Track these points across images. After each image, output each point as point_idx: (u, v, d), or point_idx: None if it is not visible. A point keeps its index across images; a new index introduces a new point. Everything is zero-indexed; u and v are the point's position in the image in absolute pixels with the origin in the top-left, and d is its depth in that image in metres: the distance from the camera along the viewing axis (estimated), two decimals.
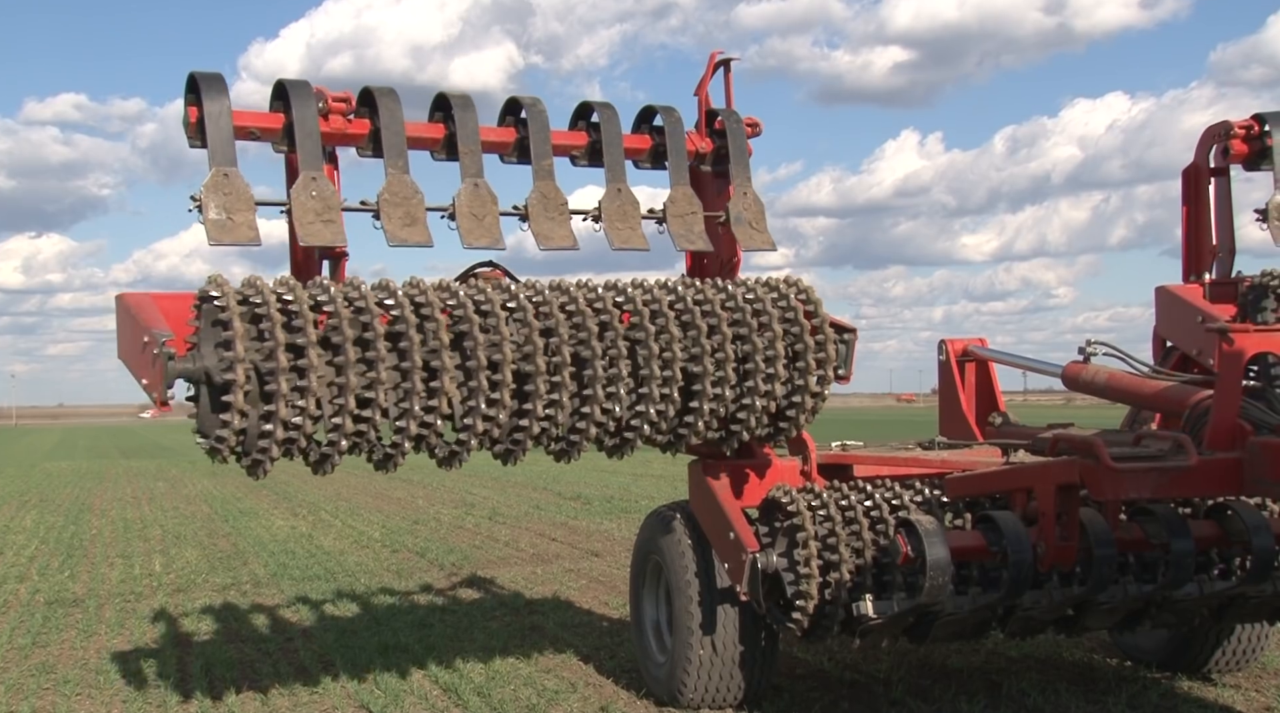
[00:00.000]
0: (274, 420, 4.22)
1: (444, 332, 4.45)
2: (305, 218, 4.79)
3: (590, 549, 11.68)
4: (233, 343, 4.15)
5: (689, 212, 5.55)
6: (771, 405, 4.91)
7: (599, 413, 4.66)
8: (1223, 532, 4.45)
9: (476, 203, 5.10)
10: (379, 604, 8.77)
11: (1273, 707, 5.28)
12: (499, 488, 19.69)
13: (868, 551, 4.64)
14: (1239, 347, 4.09)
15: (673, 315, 4.80)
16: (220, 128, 4.77)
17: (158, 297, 4.75)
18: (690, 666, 5.38)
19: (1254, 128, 6.05)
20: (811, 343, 4.90)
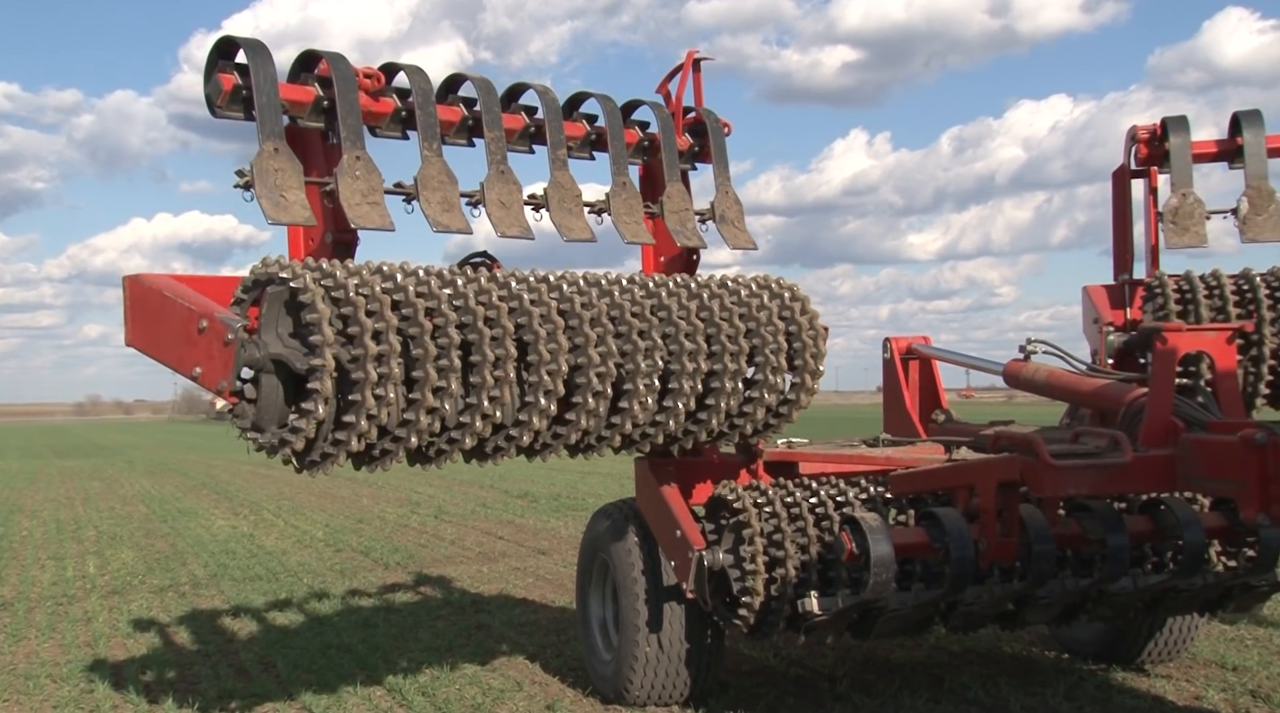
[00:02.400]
0: (358, 412, 3.99)
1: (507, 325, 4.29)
2: (353, 199, 4.52)
3: (537, 547, 11.64)
4: (319, 326, 3.90)
5: (683, 208, 5.55)
6: (773, 402, 4.97)
7: (639, 412, 4.61)
8: (1156, 527, 4.55)
9: (504, 191, 4.94)
10: (322, 604, 8.66)
11: (1202, 696, 5.41)
12: (445, 486, 19.55)
13: (813, 547, 4.68)
14: (1172, 346, 4.19)
15: (696, 313, 4.79)
16: (270, 97, 4.47)
17: (181, 278, 4.43)
18: (636, 663, 5.39)
19: (1156, 131, 6.19)
20: (808, 341, 5.00)
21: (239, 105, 4.56)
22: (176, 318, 4.19)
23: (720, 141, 5.69)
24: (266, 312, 4.01)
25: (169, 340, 4.25)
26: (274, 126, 4.45)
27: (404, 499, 17.44)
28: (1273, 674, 5.73)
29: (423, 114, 4.80)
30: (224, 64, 4.55)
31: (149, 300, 4.35)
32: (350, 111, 4.61)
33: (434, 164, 4.76)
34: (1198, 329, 4.49)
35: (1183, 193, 6.01)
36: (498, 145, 4.98)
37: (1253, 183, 5.89)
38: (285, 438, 3.97)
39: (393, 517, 15.03)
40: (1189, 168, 6.02)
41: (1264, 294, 5.69)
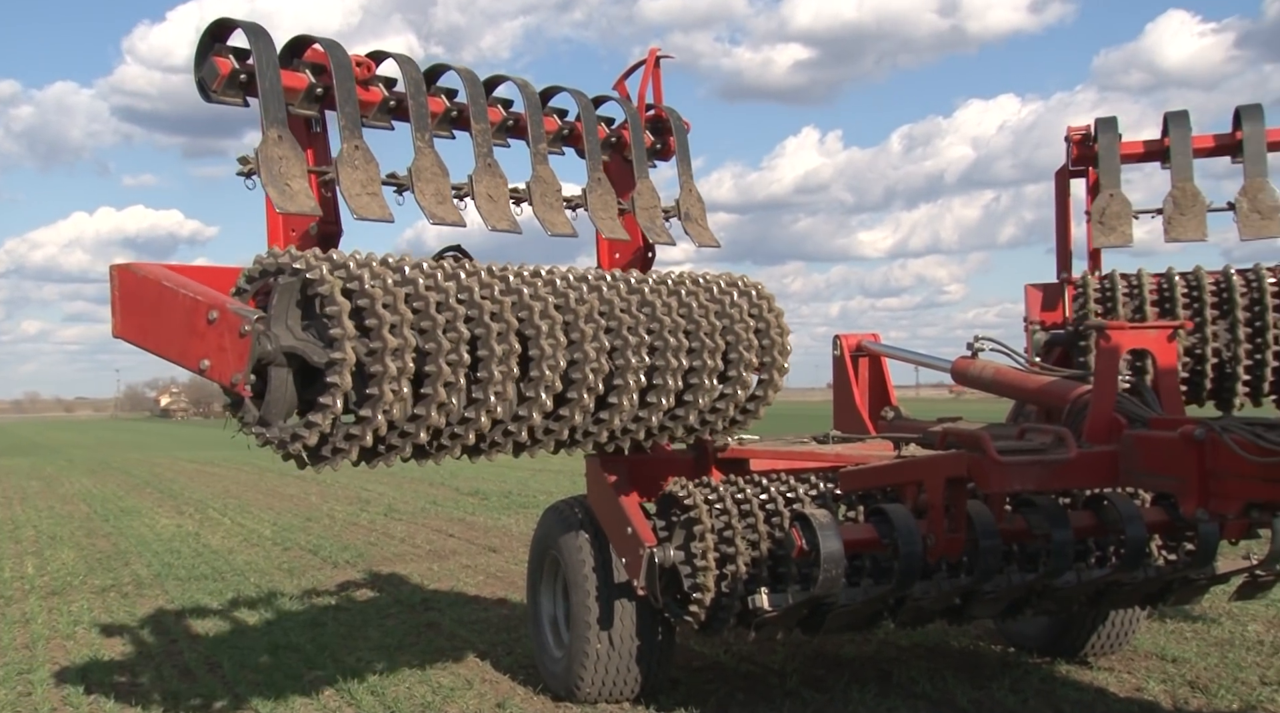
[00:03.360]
0: (375, 406, 3.90)
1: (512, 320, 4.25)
2: (353, 189, 4.39)
3: (488, 545, 11.59)
4: (338, 319, 3.83)
5: (653, 205, 5.53)
6: (744, 399, 5.01)
7: (627, 407, 4.60)
8: (1099, 522, 4.61)
9: (491, 184, 4.86)
10: (269, 604, 8.55)
11: (1142, 687, 5.51)
12: (395, 484, 19.39)
13: (763, 544, 4.70)
14: (1115, 343, 4.25)
15: (677, 310, 4.79)
16: (273, 83, 4.32)
17: (176, 268, 4.26)
18: (587, 660, 5.38)
19: (1087, 132, 6.29)
20: (775, 339, 5.07)
21: (235, 90, 4.44)
22: (180, 309, 4.03)
23: (684, 139, 5.70)
24: (277, 303, 3.92)
25: (169, 332, 4.09)
26: (277, 113, 4.32)
27: (354, 497, 17.27)
28: (1210, 666, 5.85)
29: (415, 104, 4.71)
30: (217, 48, 4.41)
31: (144, 291, 4.17)
32: (348, 100, 4.50)
33: (427, 156, 4.67)
34: (1140, 327, 4.56)
35: (1110, 193, 6.10)
36: (484, 138, 4.90)
37: (1178, 183, 5.99)
38: (298, 433, 3.89)
39: (342, 515, 14.87)
40: (1117, 168, 6.12)
41: (1180, 293, 5.79)
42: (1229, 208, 5.90)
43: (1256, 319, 5.64)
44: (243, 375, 3.85)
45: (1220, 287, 5.89)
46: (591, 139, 5.32)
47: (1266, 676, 5.64)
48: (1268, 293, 5.61)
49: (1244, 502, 3.37)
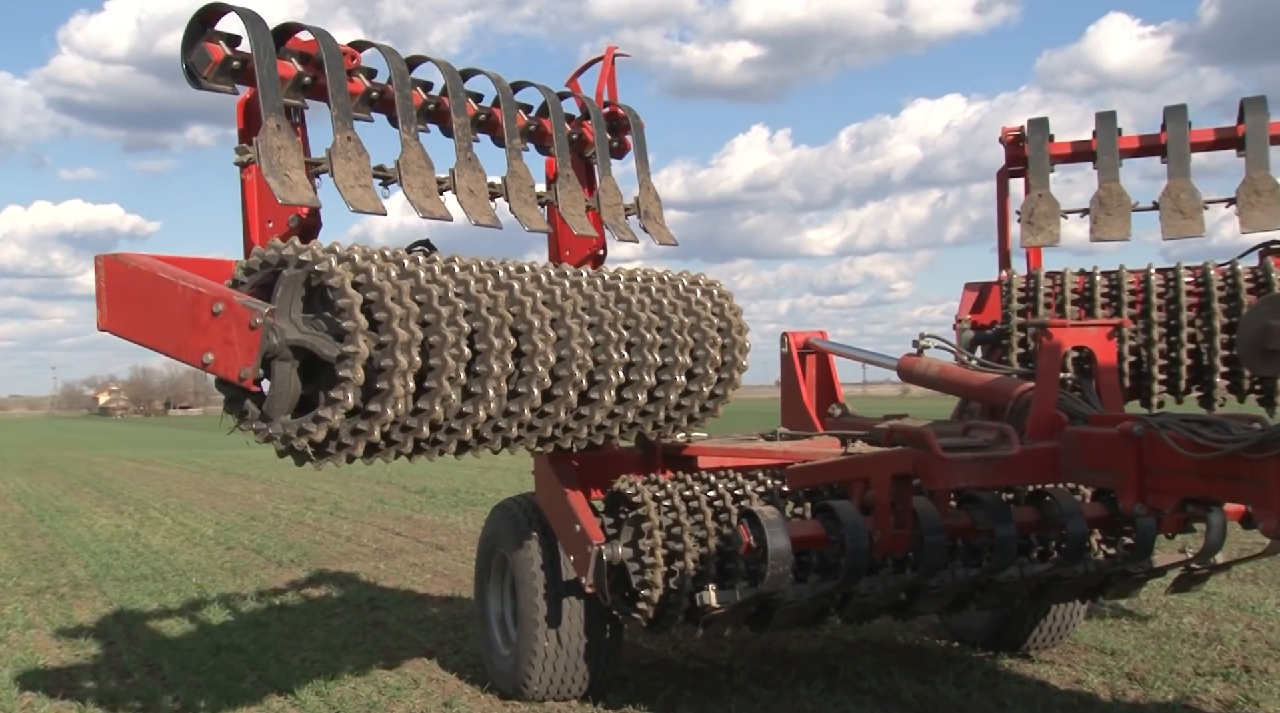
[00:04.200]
0: (385, 401, 3.84)
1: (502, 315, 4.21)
2: (347, 181, 4.28)
3: (435, 543, 11.50)
4: (350, 312, 3.75)
5: (616, 202, 5.52)
6: (707, 395, 5.06)
7: (609, 404, 4.59)
8: (1041, 517, 4.68)
9: (473, 178, 4.78)
10: (211, 604, 8.41)
11: (1082, 679, 5.61)
12: (340, 482, 19.19)
13: (711, 541, 4.71)
14: (1056, 341, 4.31)
15: (650, 307, 4.80)
16: (270, 70, 4.20)
17: (166, 259, 4.13)
18: (535, 658, 5.36)
19: (1020, 133, 6.37)
20: (736, 337, 5.14)
21: (226, 78, 4.33)
22: (180, 301, 3.91)
23: (642, 137, 5.70)
24: (282, 296, 3.84)
25: (166, 325, 3.95)
26: (276, 101, 4.22)
27: (299, 496, 17.06)
28: (1147, 658, 5.97)
29: (401, 96, 4.62)
30: (212, 35, 4.29)
31: (136, 282, 4.03)
32: (340, 90, 4.39)
33: (413, 148, 4.59)
34: (1081, 325, 4.62)
35: (1039, 193, 6.18)
36: (464, 131, 4.83)
37: (1104, 183, 6.08)
38: (305, 428, 3.81)
39: (287, 514, 14.69)
40: (1046, 169, 6.20)
41: (1100, 293, 5.87)
42: (1154, 207, 5.97)
43: (1172, 317, 5.71)
44: (252, 369, 3.77)
45: (1140, 286, 5.94)
46: (560, 135, 5.30)
47: (1200, 667, 5.77)
48: (1183, 292, 5.68)
49: (1180, 497, 3.44)
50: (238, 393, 3.97)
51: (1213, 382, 5.60)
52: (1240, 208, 5.71)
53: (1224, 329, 5.56)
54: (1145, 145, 6.13)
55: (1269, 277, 5.51)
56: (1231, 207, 5.84)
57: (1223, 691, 5.36)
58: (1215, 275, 5.67)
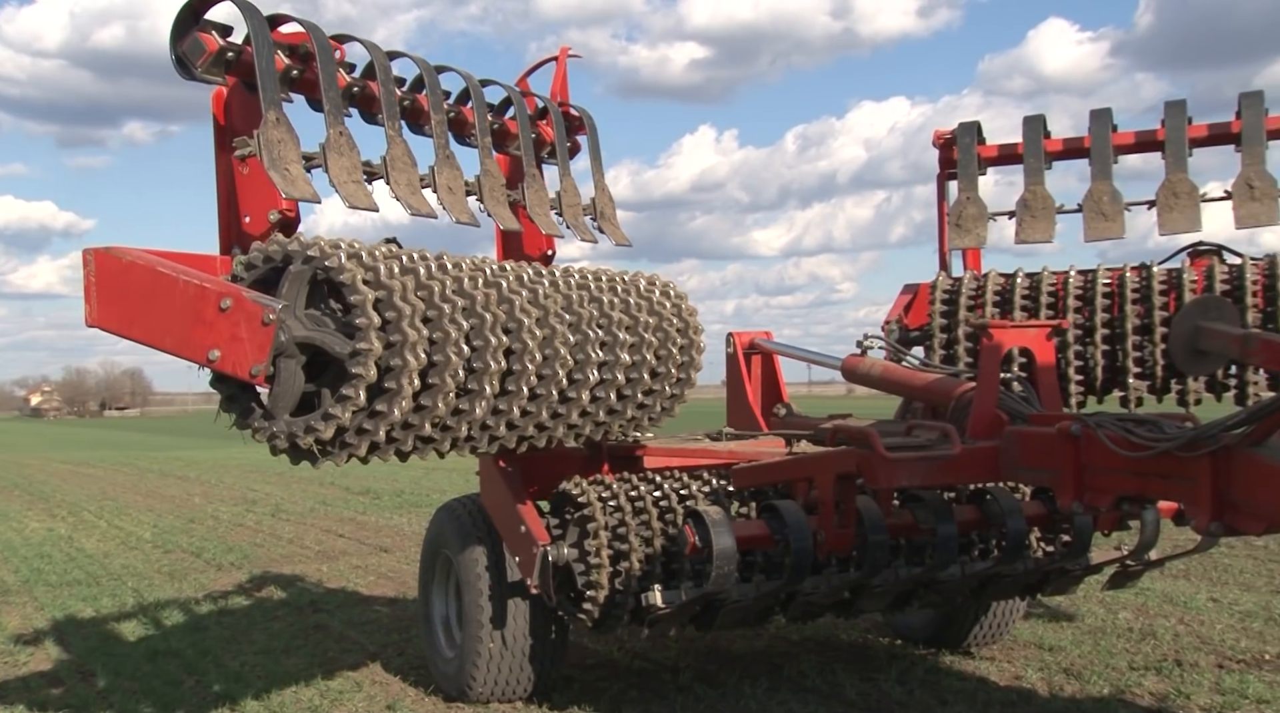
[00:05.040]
0: (393, 400, 3.78)
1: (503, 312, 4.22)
2: (341, 177, 4.21)
3: (379, 545, 11.39)
4: (363, 309, 3.70)
5: (575, 203, 5.52)
6: (668, 394, 5.13)
7: (585, 402, 4.58)
8: (982, 515, 4.75)
9: (451, 176, 4.75)
10: (148, 608, 8.25)
11: (1021, 675, 5.70)
12: (283, 484, 18.93)
13: (657, 541, 4.71)
14: (997, 341, 4.37)
15: (619, 307, 4.80)
16: (269, 62, 4.12)
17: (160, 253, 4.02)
18: (480, 660, 5.33)
19: (951, 136, 6.46)
20: (693, 337, 5.21)
21: (219, 69, 4.24)
22: (183, 296, 3.81)
23: (596, 138, 5.69)
24: (287, 292, 3.77)
25: (167, 321, 3.85)
26: (275, 93, 4.15)
27: (239, 497, 16.80)
28: (1084, 653, 6.08)
29: (385, 92, 4.56)
30: (205, 26, 4.21)
31: (131, 277, 3.92)
32: (332, 84, 4.33)
33: (399, 145, 4.53)
34: (1021, 326, 4.69)
35: (967, 196, 6.27)
36: (442, 128, 4.79)
37: (1030, 186, 6.17)
38: (313, 425, 3.75)
39: (227, 516, 14.45)
40: (974, 171, 6.28)
41: (1019, 296, 5.93)
42: (1078, 210, 6.06)
43: (1089, 319, 5.79)
44: (264, 366, 3.71)
45: (1058, 287, 5.98)
46: (526, 135, 5.29)
47: (1135, 661, 5.89)
48: (1099, 294, 5.75)
49: (1115, 495, 3.50)
50: (236, 390, 3.92)
51: (1126, 383, 5.67)
52: (1159, 210, 5.79)
53: (1136, 331, 5.63)
54: (1069, 148, 6.21)
55: (1182, 278, 5.58)
56: (1153, 209, 5.93)
57: (1155, 684, 5.47)
58: (1131, 277, 5.74)
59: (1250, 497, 3.00)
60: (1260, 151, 5.58)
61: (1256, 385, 5.49)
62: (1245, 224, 5.59)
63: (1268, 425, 2.97)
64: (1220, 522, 3.06)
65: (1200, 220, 5.74)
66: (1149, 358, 5.63)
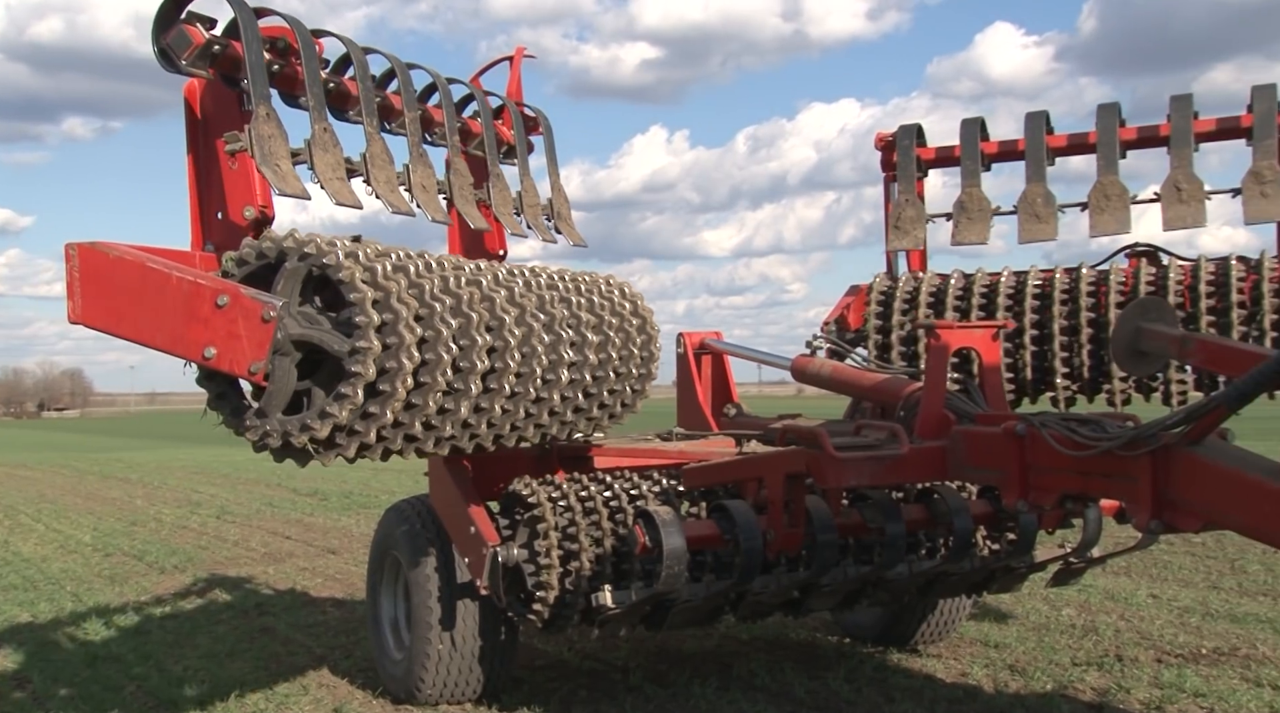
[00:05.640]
0: (387, 401, 3.75)
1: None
2: (326, 174, 4.16)
3: (327, 546, 11.26)
4: (363, 307, 3.66)
5: (535, 202, 5.51)
6: (629, 393, 5.17)
7: (557, 401, 4.58)
8: (929, 515, 4.80)
9: (425, 174, 4.70)
10: (88, 613, 8.08)
11: (967, 672, 5.77)
12: (228, 485, 18.66)
13: (607, 541, 4.70)
14: (944, 342, 4.42)
15: (586, 306, 4.82)
16: (258, 56, 4.04)
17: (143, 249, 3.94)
18: (429, 661, 5.29)
19: (891, 139, 6.52)
20: (651, 335, 5.28)
21: (204, 62, 4.16)
22: (175, 292, 3.74)
23: (552, 140, 5.70)
24: (282, 290, 3.73)
25: (157, 317, 3.77)
26: (264, 88, 4.08)
27: (183, 499, 16.53)
28: (1028, 649, 6.17)
29: (364, 89, 4.52)
30: (189, 18, 4.13)
31: (118, 273, 3.83)
32: (316, 80, 4.28)
33: (377, 142, 4.49)
34: (967, 326, 4.74)
35: (905, 197, 6.33)
36: (416, 126, 4.75)
37: (966, 188, 6.23)
38: (309, 424, 3.70)
39: (170, 518, 14.21)
40: (912, 173, 6.34)
41: (952, 297, 5.98)
42: (1014, 211, 6.12)
43: (1019, 319, 5.84)
44: (264, 364, 3.67)
45: (990, 288, 5.99)
46: (490, 134, 5.27)
47: (1077, 657, 5.99)
48: (1028, 295, 5.80)
49: (1059, 493, 3.55)
50: (225, 388, 3.87)
51: (1054, 383, 5.72)
52: (1091, 212, 5.84)
53: (1064, 331, 5.67)
54: (1005, 151, 6.26)
55: (1108, 280, 5.63)
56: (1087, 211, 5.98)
57: (1097, 679, 5.57)
58: (1060, 278, 5.77)
59: (1188, 495, 3.06)
60: (1188, 154, 5.64)
61: (1184, 385, 5.53)
62: (1173, 226, 5.65)
63: (1205, 425, 3.03)
64: (1160, 519, 3.12)
65: (1130, 222, 5.80)
66: (1076, 358, 5.65)
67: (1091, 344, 5.61)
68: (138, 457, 29.59)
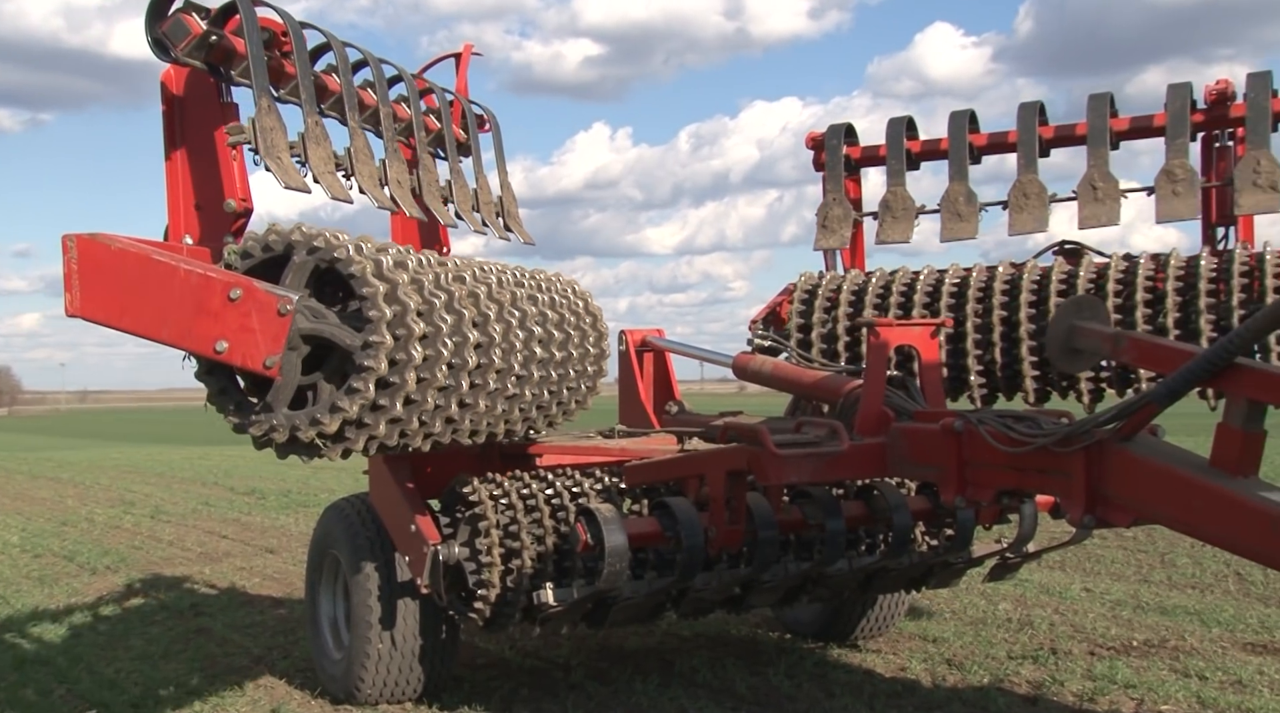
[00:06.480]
0: (395, 394, 3.75)
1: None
2: (320, 168, 4.15)
3: (265, 546, 11.09)
4: (375, 302, 3.64)
5: (488, 201, 5.50)
6: (584, 390, 5.22)
7: (529, 397, 4.60)
8: (869, 511, 4.85)
9: (399, 170, 4.69)
10: (15, 616, 7.88)
11: (906, 667, 5.84)
12: (163, 484, 18.29)
13: (549, 539, 4.69)
14: (884, 339, 4.47)
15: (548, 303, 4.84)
16: (258, 48, 4.00)
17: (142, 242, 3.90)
18: (368, 661, 5.23)
19: (820, 139, 6.57)
20: (602, 332, 5.33)
21: (199, 53, 4.09)
22: (183, 286, 3.70)
23: (500, 137, 5.70)
24: (290, 283, 3.71)
25: (163, 311, 3.73)
26: (265, 80, 4.04)
27: (116, 499, 16.18)
28: (965, 644, 6.26)
29: (346, 84, 4.48)
30: (186, 7, 4.07)
31: (121, 265, 3.77)
32: (307, 73, 4.23)
33: (360, 137, 4.47)
34: (905, 324, 4.79)
35: (833, 197, 6.38)
36: (390, 123, 4.72)
37: (891, 188, 6.29)
38: (318, 419, 3.68)
39: (103, 518, 13.89)
40: (839, 173, 6.40)
41: (872, 296, 6.03)
42: (936, 211, 6.17)
43: (935, 316, 5.88)
44: (279, 358, 3.65)
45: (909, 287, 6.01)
46: (450, 133, 5.26)
47: (1013, 650, 6.08)
48: (945, 293, 5.85)
49: (996, 489, 3.61)
50: (227, 384, 3.84)
51: (967, 381, 5.75)
52: (1010, 211, 5.90)
53: (976, 329, 5.68)
54: (927, 150, 6.33)
55: (1021, 279, 5.66)
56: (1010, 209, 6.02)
57: (1032, 672, 5.66)
58: (977, 277, 5.78)
59: (1120, 490, 3.12)
60: (1104, 153, 5.70)
61: (1105, 383, 5.57)
62: (1088, 224, 5.71)
63: (1136, 421, 3.09)
64: (1093, 514, 3.18)
65: (1047, 221, 5.84)
66: (989, 356, 5.65)
67: (1005, 342, 5.59)
68: (69, 456, 28.89)
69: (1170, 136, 5.54)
